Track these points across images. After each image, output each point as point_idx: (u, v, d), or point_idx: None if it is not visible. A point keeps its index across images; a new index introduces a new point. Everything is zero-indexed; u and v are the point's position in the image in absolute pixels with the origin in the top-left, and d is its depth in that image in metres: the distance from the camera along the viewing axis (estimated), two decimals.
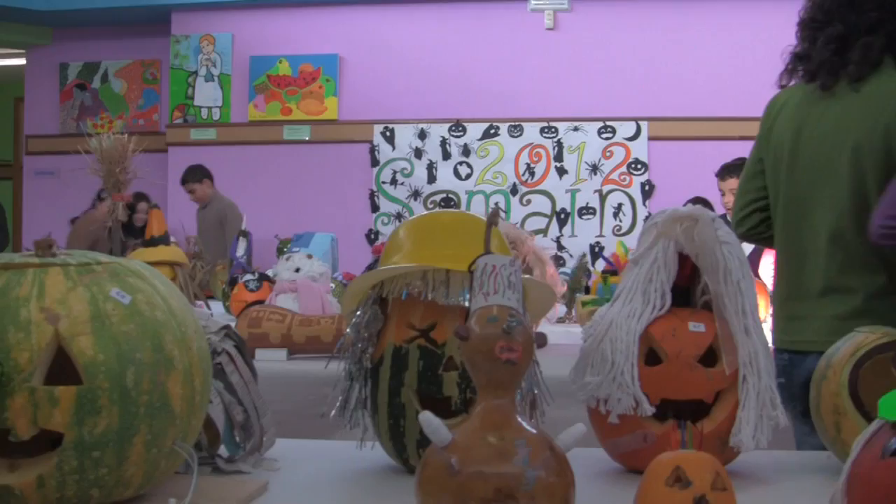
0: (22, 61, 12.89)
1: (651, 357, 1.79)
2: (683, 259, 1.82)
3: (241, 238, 5.92)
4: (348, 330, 1.82)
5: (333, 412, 1.85)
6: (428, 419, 1.32)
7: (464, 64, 10.46)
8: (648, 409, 1.73)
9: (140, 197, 10.08)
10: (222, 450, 1.75)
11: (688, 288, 1.87)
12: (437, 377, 1.71)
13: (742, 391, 1.74)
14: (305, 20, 10.93)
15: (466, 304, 1.68)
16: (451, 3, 10.54)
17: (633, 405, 1.73)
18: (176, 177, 10.20)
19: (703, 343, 1.77)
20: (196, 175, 9.79)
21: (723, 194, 6.75)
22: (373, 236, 10.45)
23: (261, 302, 4.58)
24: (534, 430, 1.35)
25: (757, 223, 2.81)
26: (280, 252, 6.11)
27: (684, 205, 6.31)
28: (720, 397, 1.77)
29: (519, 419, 1.35)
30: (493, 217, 1.52)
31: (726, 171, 6.70)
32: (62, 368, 1.36)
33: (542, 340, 1.40)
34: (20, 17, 11.71)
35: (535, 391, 1.80)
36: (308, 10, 10.90)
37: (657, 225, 1.83)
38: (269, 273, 5.10)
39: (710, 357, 1.77)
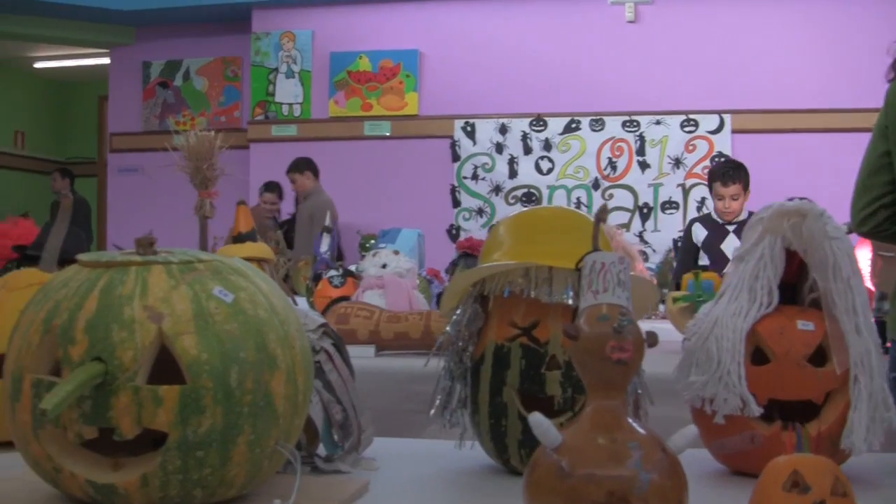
0: (106, 60, 13.05)
1: (758, 356, 1.74)
2: (791, 255, 1.77)
3: (324, 234, 5.91)
4: (448, 328, 1.79)
5: (433, 411, 1.82)
6: (538, 420, 1.29)
7: (545, 58, 10.42)
8: (756, 410, 1.69)
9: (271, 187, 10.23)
10: (321, 449, 1.73)
11: (795, 285, 1.82)
12: (540, 376, 1.68)
13: (853, 391, 1.68)
14: (385, 16, 10.94)
15: (570, 301, 1.65)
16: None
17: (739, 405, 1.69)
18: (258, 173, 10.26)
19: (812, 342, 1.72)
20: (299, 166, 9.87)
21: (721, 199, 6.67)
22: (454, 232, 10.44)
23: (345, 298, 4.57)
24: (645, 432, 1.31)
25: (882, 220, 2.71)
26: (362, 248, 6.10)
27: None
28: (830, 398, 1.71)
29: (630, 420, 1.32)
30: (602, 213, 1.48)
31: (728, 177, 6.64)
32: (164, 367, 1.34)
33: (653, 339, 1.36)
34: (103, 17, 11.84)
35: (639, 391, 1.76)
36: (388, 5, 10.91)
37: (763, 220, 1.78)
38: (352, 268, 5.10)
39: (819, 356, 1.72)
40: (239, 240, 3.84)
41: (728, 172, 6.72)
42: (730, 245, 6.59)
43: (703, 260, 6.43)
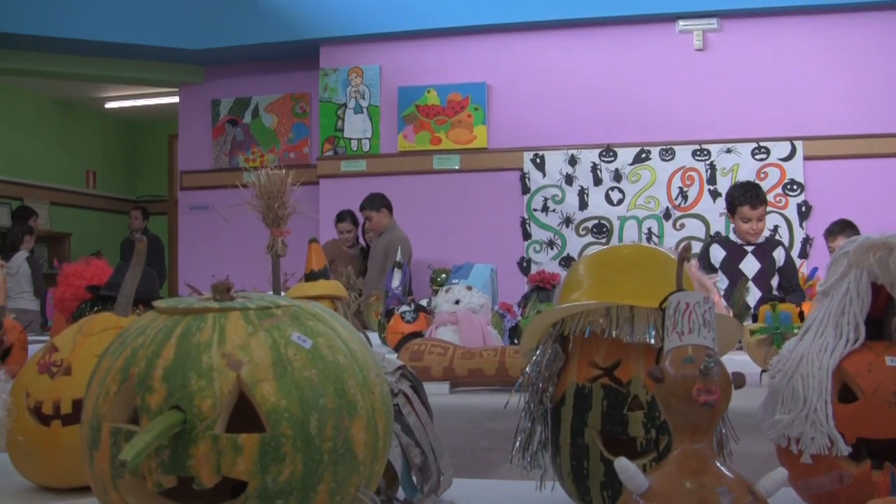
0: (175, 99, 13.21)
1: (845, 393, 1.69)
2: (877, 289, 1.72)
3: (395, 269, 5.92)
4: (527, 368, 1.77)
5: (513, 453, 1.79)
6: (624, 465, 1.26)
7: (613, 88, 10.40)
8: (844, 449, 1.64)
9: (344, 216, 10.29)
10: (400, 493, 1.71)
11: (882, 320, 1.77)
12: (622, 417, 1.64)
13: None
14: (452, 50, 10.97)
15: (651, 341, 1.62)
16: (598, 27, 10.49)
17: (827, 445, 1.64)
18: (327, 209, 10.31)
19: None
20: (374, 203, 9.92)
21: (747, 221, 6.86)
22: (525, 264, 10.42)
23: (417, 333, 4.54)
24: (733, 476, 1.28)
25: None
26: (433, 282, 6.09)
27: (828, 229, 6.30)
28: None
29: (717, 464, 1.28)
30: (685, 252, 1.45)
31: (756, 199, 6.84)
32: (241, 415, 1.33)
33: (739, 381, 1.30)
34: (173, 56, 11.99)
35: (723, 429, 1.72)
36: (455, 39, 10.93)
37: (848, 255, 1.73)
38: (424, 303, 5.08)
39: None
40: (311, 277, 3.83)
41: (756, 195, 6.88)
42: (748, 265, 6.77)
43: (722, 281, 6.43)
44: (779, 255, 6.85)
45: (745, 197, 6.82)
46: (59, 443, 1.90)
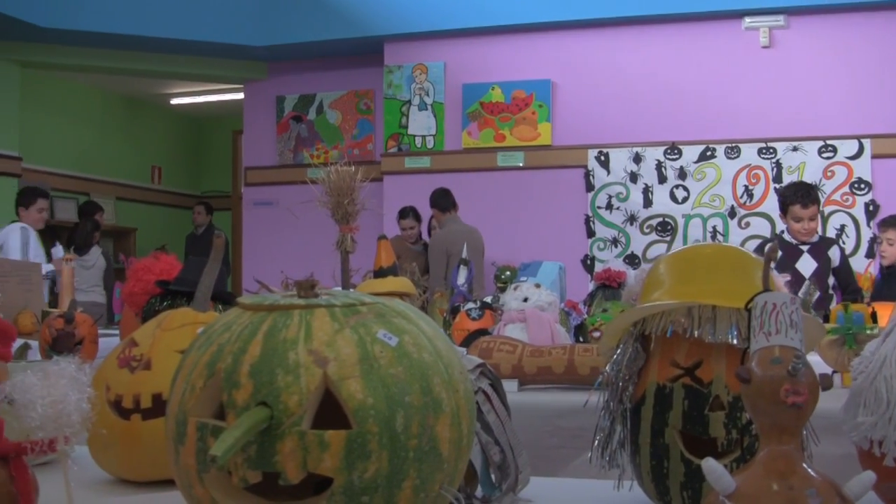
0: (240, 96, 13.30)
1: None
2: None
3: (461, 266, 5.90)
4: (607, 367, 1.76)
5: (592, 452, 1.78)
6: (711, 466, 1.25)
7: (678, 85, 10.34)
8: None
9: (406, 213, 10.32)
10: (478, 490, 1.71)
11: None
12: (703, 417, 1.63)
13: None
14: (517, 46, 10.96)
15: (734, 341, 1.61)
16: (663, 24, 10.43)
17: None
18: (391, 205, 10.33)
19: None
20: (432, 201, 9.92)
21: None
22: (589, 262, 10.39)
23: (483, 331, 4.54)
24: (820, 478, 1.26)
25: None
26: (497, 279, 6.07)
27: (882, 220, 6.23)
28: None
29: (805, 466, 1.27)
30: (772, 253, 1.44)
31: (808, 198, 6.77)
32: (324, 411, 1.33)
33: (827, 382, 1.26)
34: (238, 53, 12.07)
35: (804, 431, 1.71)
36: (519, 36, 10.92)
37: None
38: (488, 300, 5.07)
39: None
40: (380, 274, 3.84)
41: (808, 194, 6.86)
42: (804, 265, 6.74)
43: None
44: (834, 255, 6.80)
45: (797, 196, 6.79)
46: (138, 437, 1.92)
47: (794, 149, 10.02)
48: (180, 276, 3.73)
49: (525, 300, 4.26)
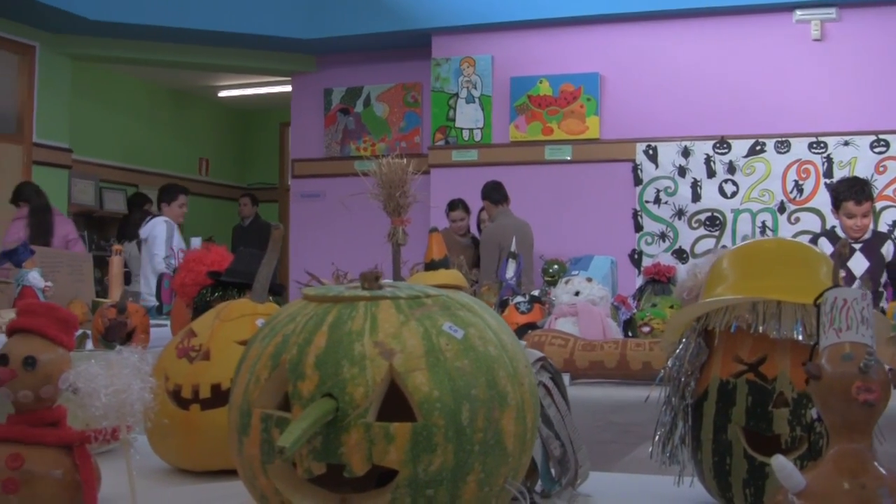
0: (287, 88, 13.33)
1: None
2: None
3: (510, 260, 5.90)
4: (669, 362, 1.75)
5: (652, 447, 1.77)
6: (782, 463, 1.23)
7: (727, 79, 10.27)
8: None
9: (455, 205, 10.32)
10: (538, 485, 1.70)
11: None
12: (767, 414, 1.61)
13: None
14: (565, 39, 10.92)
15: (799, 337, 1.59)
16: (713, 17, 10.36)
17: None
18: (438, 198, 10.31)
19: None
20: (481, 192, 9.91)
21: (852, 217, 6.73)
22: (636, 256, 10.34)
23: (532, 324, 4.53)
24: (892, 477, 1.25)
25: None
26: (545, 273, 6.06)
27: None
28: None
29: (876, 464, 1.25)
30: (844, 248, 1.42)
31: (862, 195, 6.74)
32: (387, 403, 1.33)
33: None
34: (286, 46, 12.10)
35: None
36: (568, 29, 10.89)
37: None
38: (536, 293, 5.06)
39: None
40: (432, 267, 3.83)
41: (862, 190, 6.77)
42: (857, 262, 6.65)
43: None
44: (888, 251, 6.72)
45: (850, 192, 6.71)
46: (197, 427, 1.93)
47: (846, 143, 9.92)
48: (231, 268, 3.75)
49: (577, 294, 4.24)
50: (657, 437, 1.77)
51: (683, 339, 1.75)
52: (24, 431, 1.56)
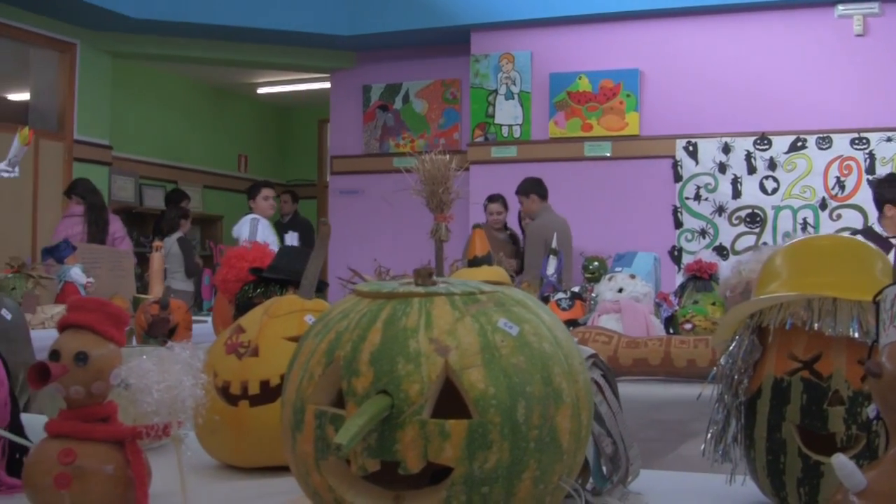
0: (326, 85, 13.36)
1: None
2: None
3: (551, 256, 5.89)
4: (721, 360, 1.73)
5: (704, 445, 1.75)
6: (842, 462, 1.21)
7: (768, 75, 10.22)
8: None
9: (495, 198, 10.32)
10: (589, 482, 1.69)
11: None
12: (822, 412, 1.59)
13: None
14: (604, 36, 10.90)
15: (855, 335, 1.57)
16: (754, 12, 10.31)
17: None
18: (478, 195, 10.31)
19: None
20: (522, 188, 9.91)
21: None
22: (676, 253, 10.31)
23: (573, 321, 4.52)
24: None
25: None
26: (585, 270, 6.04)
27: None
28: None
29: None
30: None
31: None
32: (440, 400, 1.32)
33: None
34: (325, 42, 12.13)
35: None
36: (607, 25, 10.86)
37: None
38: (576, 290, 5.04)
39: None
40: (475, 263, 3.82)
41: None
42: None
43: None
44: None
45: (893, 191, 6.64)
46: (246, 423, 1.93)
47: (888, 139, 9.86)
48: (274, 264, 3.75)
49: (620, 291, 4.23)
50: (709, 435, 1.75)
51: (737, 337, 1.73)
52: (75, 427, 1.56)
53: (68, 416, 1.58)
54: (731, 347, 1.73)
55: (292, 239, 9.68)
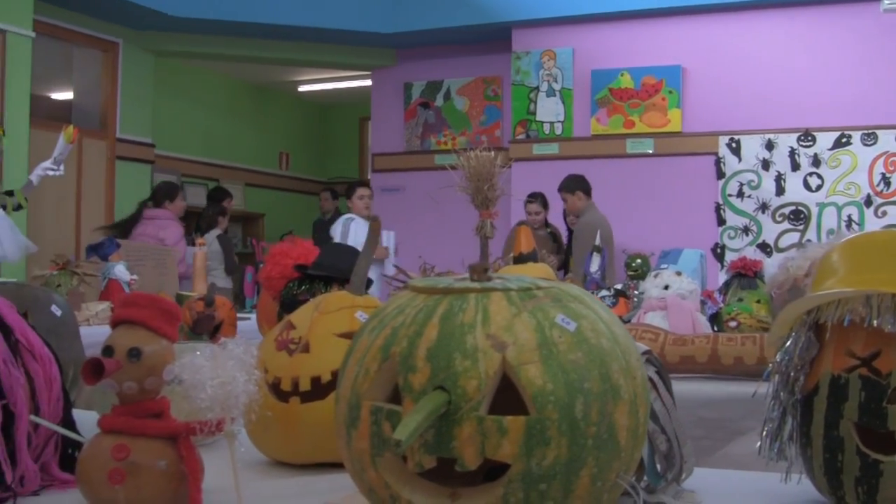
0: (367, 83, 13.37)
1: None
2: None
3: (594, 253, 5.87)
4: (777, 356, 1.71)
5: (760, 443, 1.73)
6: None
7: (812, 70, 10.14)
8: None
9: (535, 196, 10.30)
10: (643, 480, 1.67)
11: None
12: (881, 409, 1.57)
13: None
14: (646, 32, 10.85)
15: None
16: (797, 7, 10.24)
17: None
18: (519, 192, 10.28)
19: None
20: (567, 185, 9.86)
21: None
22: (719, 251, 10.25)
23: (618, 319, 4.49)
24: None
25: None
26: (628, 267, 6.02)
27: None
28: None
29: None
30: None
31: None
32: (496, 396, 1.31)
33: None
34: (366, 40, 12.14)
35: None
36: (649, 21, 10.81)
37: None
38: (619, 287, 5.02)
39: None
40: (520, 260, 3.82)
41: None
42: None
43: None
44: None
45: None
46: (297, 419, 1.93)
47: None
48: (318, 261, 3.75)
49: (666, 288, 4.20)
50: (765, 433, 1.73)
51: (793, 333, 1.71)
52: (128, 423, 1.57)
53: (121, 412, 1.58)
54: (787, 344, 1.71)
55: (388, 238, 9.71)
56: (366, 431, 1.35)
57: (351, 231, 9.72)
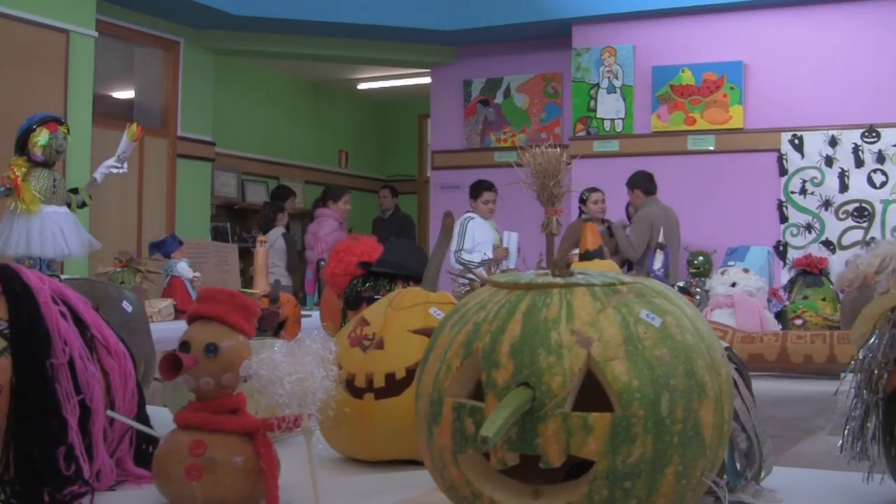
0: (425, 80, 13.38)
1: None
2: None
3: (657, 250, 5.83)
4: (860, 354, 1.69)
5: (841, 442, 1.71)
6: None
7: (876, 65, 10.02)
8: None
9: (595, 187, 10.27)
10: (724, 478, 1.65)
11: None
12: None
13: None
14: (707, 28, 10.78)
15: None
16: (860, 2, 10.10)
17: None
18: (580, 189, 10.24)
19: None
20: (630, 181, 9.86)
21: None
22: (781, 248, 10.15)
23: None
24: None
25: None
26: (690, 265, 5.98)
27: None
28: None
29: None
30: None
31: None
32: (580, 393, 1.30)
33: None
34: (425, 37, 12.14)
35: None
36: (710, 17, 10.74)
37: None
38: (681, 284, 4.99)
39: None
40: (586, 257, 3.79)
41: None
42: None
43: None
44: None
45: None
46: (371, 416, 1.92)
47: None
48: (383, 258, 3.74)
49: (733, 285, 4.17)
50: (846, 432, 1.71)
51: (876, 331, 1.68)
52: (205, 418, 1.57)
53: (198, 408, 1.59)
54: (870, 341, 1.68)
55: (510, 239, 9.70)
56: (448, 428, 1.35)
57: (468, 230, 9.73)
